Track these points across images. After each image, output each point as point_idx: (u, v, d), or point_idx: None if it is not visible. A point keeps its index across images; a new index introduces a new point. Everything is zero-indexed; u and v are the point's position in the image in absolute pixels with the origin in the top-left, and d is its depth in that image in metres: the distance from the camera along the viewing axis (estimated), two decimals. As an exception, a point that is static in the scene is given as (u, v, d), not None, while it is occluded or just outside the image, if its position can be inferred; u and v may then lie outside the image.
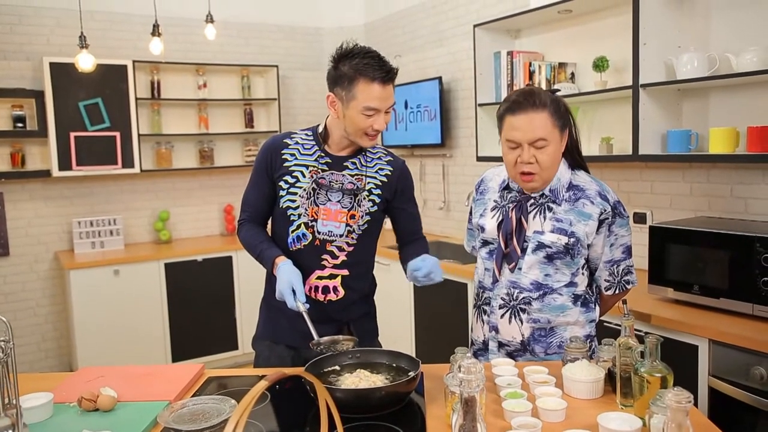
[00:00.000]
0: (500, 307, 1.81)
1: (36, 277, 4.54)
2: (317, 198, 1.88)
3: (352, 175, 1.90)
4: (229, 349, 4.73)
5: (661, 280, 2.46)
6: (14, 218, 4.44)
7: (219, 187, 5.21)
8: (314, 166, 1.89)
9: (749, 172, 2.63)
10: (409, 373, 1.57)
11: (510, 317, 1.80)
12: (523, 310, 1.78)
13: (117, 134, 4.52)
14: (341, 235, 1.89)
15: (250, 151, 5.14)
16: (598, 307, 1.88)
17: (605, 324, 2.45)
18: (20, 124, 4.31)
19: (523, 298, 1.78)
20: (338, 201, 1.88)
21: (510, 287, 1.80)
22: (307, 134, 1.94)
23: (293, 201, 1.88)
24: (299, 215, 1.88)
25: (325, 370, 1.69)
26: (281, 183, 1.89)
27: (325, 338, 1.74)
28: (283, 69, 5.24)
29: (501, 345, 1.83)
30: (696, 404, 2.16)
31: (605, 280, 1.84)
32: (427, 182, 4.72)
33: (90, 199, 4.69)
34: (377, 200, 1.93)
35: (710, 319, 2.23)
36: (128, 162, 4.58)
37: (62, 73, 4.28)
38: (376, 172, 1.94)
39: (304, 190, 1.87)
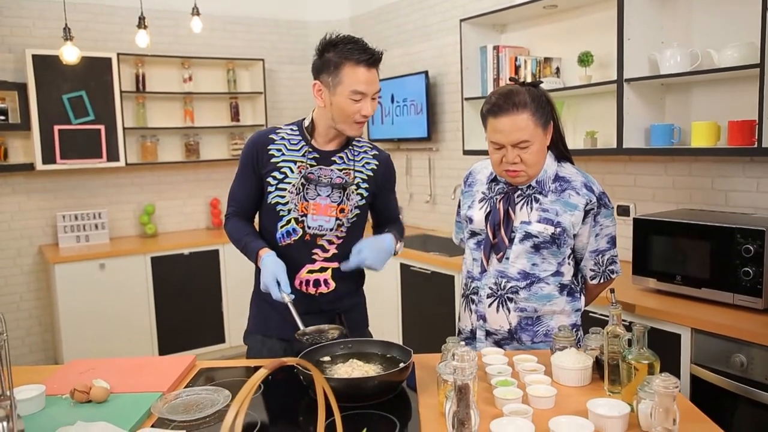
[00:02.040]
0: (488, 297, 1.83)
1: (19, 272, 4.48)
2: (306, 193, 1.87)
3: (340, 170, 1.90)
4: (217, 342, 4.72)
5: (644, 270, 2.50)
6: (-3, 212, 4.38)
7: (205, 181, 5.18)
8: (302, 162, 1.88)
9: (730, 165, 2.67)
10: (400, 364, 1.59)
11: (498, 306, 1.82)
12: (511, 300, 1.80)
13: (102, 127, 4.47)
14: (331, 229, 1.89)
15: (236, 144, 5.11)
16: (583, 297, 1.91)
17: (590, 314, 2.49)
18: (2, 117, 4.23)
19: (511, 287, 1.80)
20: (327, 195, 1.88)
21: (498, 277, 1.82)
22: (292, 129, 1.93)
23: (282, 197, 1.87)
24: (289, 210, 1.87)
25: (318, 359, 1.70)
26: (269, 179, 1.88)
27: (311, 327, 1.75)
28: (269, 62, 5.21)
29: (488, 334, 1.85)
30: (679, 391, 2.21)
31: (590, 269, 1.86)
32: (414, 176, 4.73)
33: (74, 193, 4.64)
34: (365, 194, 1.94)
35: (692, 308, 2.28)
36: (113, 155, 4.53)
37: (45, 65, 4.21)
38: (363, 166, 1.95)
39: (293, 185, 1.87)
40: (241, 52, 5.15)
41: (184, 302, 4.55)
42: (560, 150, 1.86)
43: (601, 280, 1.88)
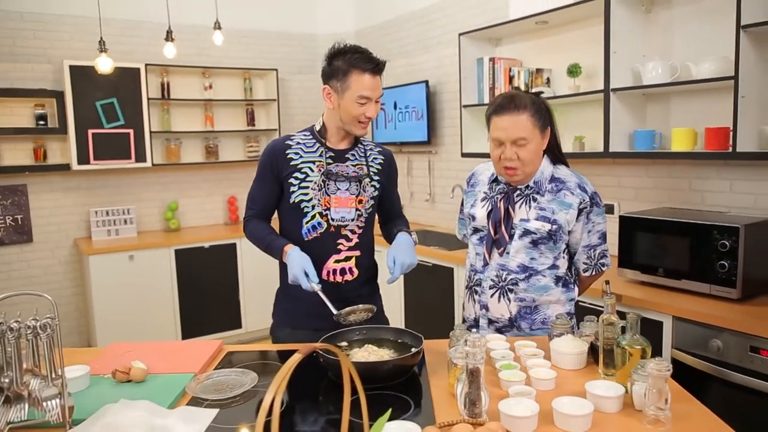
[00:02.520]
0: (490, 288, 1.83)
1: (57, 262, 4.47)
2: (327, 188, 1.88)
3: (354, 165, 1.92)
4: (234, 328, 4.70)
5: (629, 263, 2.49)
6: (37, 208, 4.36)
7: (223, 180, 5.16)
8: (320, 161, 1.88)
9: (706, 168, 2.67)
10: (412, 349, 1.58)
11: (499, 296, 1.82)
12: (511, 290, 1.81)
13: (131, 131, 4.45)
14: (353, 219, 1.90)
15: (251, 147, 5.09)
16: (576, 288, 1.91)
17: (581, 303, 2.48)
18: (42, 122, 4.22)
19: (511, 279, 1.80)
20: (346, 189, 1.89)
21: (499, 270, 1.82)
22: (305, 134, 1.94)
23: (306, 194, 1.87)
24: (313, 206, 1.87)
25: (336, 345, 1.69)
26: (291, 180, 1.87)
27: (345, 309, 1.74)
28: (281, 72, 5.19)
29: (491, 322, 1.85)
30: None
31: (583, 262, 1.86)
32: (414, 176, 4.72)
33: (106, 191, 4.62)
34: (377, 185, 1.96)
35: (673, 298, 2.27)
36: (141, 156, 4.52)
37: (81, 75, 4.19)
38: (372, 161, 1.97)
39: (315, 183, 1.87)
40: (256, 63, 5.13)
41: (204, 291, 4.54)
42: (555, 154, 1.86)
43: (593, 273, 1.88)
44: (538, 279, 1.80)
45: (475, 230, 1.90)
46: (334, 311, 1.72)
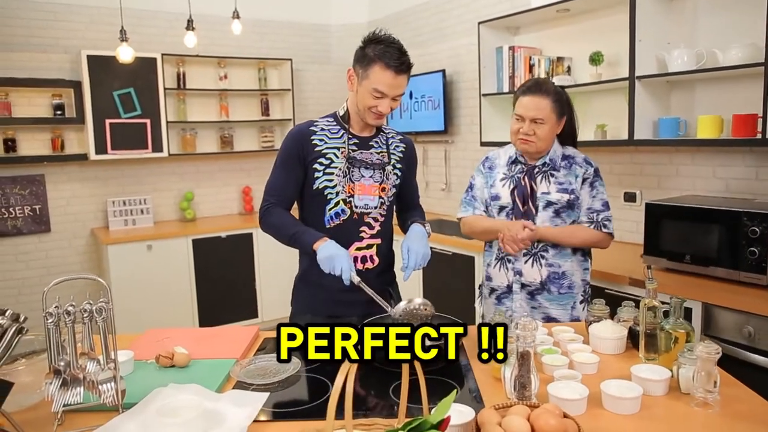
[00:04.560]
0: (524, 255, 1.99)
1: (74, 252, 4.49)
2: (352, 175, 1.86)
3: (378, 153, 1.91)
4: (251, 317, 4.73)
5: (655, 251, 2.49)
6: (54, 198, 4.37)
7: (238, 170, 5.16)
8: (344, 148, 1.87)
9: (731, 155, 2.66)
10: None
11: (532, 262, 1.98)
12: (543, 257, 1.97)
13: (147, 121, 4.45)
14: (375, 207, 1.89)
15: (266, 137, 5.09)
16: (590, 259, 2.07)
17: (609, 291, 2.48)
18: (59, 112, 4.22)
19: (542, 246, 1.97)
20: (370, 176, 1.88)
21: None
22: (329, 120, 1.92)
23: (330, 180, 1.85)
24: (337, 193, 1.85)
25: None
26: (316, 166, 1.85)
27: (401, 306, 1.71)
28: (295, 62, 5.17)
29: (523, 286, 2.00)
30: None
31: (585, 222, 2.00)
32: (430, 165, 4.72)
33: (123, 181, 4.63)
34: (399, 173, 1.96)
35: (701, 285, 2.27)
36: (157, 146, 4.52)
37: (98, 64, 4.19)
38: (395, 148, 1.97)
39: (340, 169, 1.85)
40: (270, 53, 5.11)
41: (221, 280, 4.56)
42: (569, 140, 2.06)
43: (594, 228, 1.99)
44: (563, 247, 1.98)
45: (501, 208, 2.04)
46: (389, 310, 1.72)
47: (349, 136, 1.89)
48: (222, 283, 4.56)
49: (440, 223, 4.33)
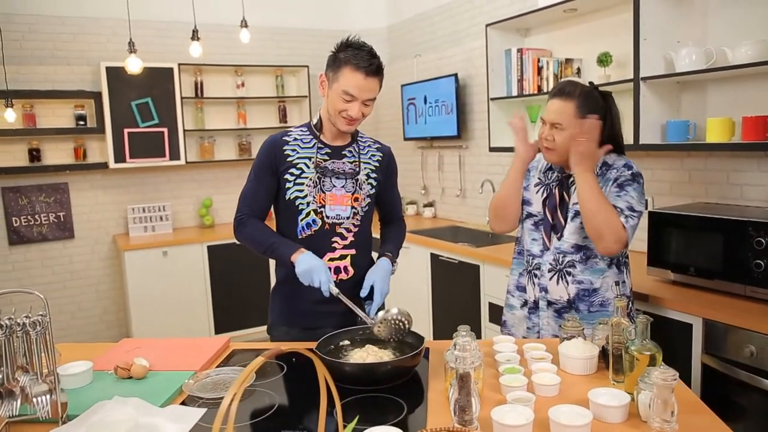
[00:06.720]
0: (549, 271, 1.87)
1: (97, 258, 4.62)
2: (323, 185, 1.83)
3: (351, 162, 1.88)
4: (265, 324, 4.71)
5: (659, 262, 2.36)
6: (78, 205, 4.52)
7: (257, 177, 5.20)
8: (315, 157, 1.84)
9: (744, 160, 2.49)
10: (408, 353, 1.53)
11: (558, 279, 1.86)
12: (569, 273, 1.84)
13: (165, 130, 4.55)
14: (348, 218, 1.85)
15: (284, 144, 5.11)
16: (628, 271, 1.91)
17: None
18: (81, 122, 4.37)
19: (568, 261, 1.84)
20: (342, 186, 1.85)
21: (556, 253, 1.87)
22: (302, 130, 1.90)
23: (301, 191, 1.83)
24: (308, 203, 1.82)
25: (339, 344, 1.66)
26: (287, 176, 1.82)
27: (379, 315, 1.67)
28: (313, 69, 5.19)
29: (549, 303, 1.88)
30: (689, 380, 2.07)
31: None
32: (445, 171, 4.64)
33: (142, 188, 4.74)
34: (374, 183, 1.91)
35: (705, 299, 2.13)
36: (175, 155, 4.61)
37: (117, 75, 4.31)
38: (370, 158, 1.92)
39: (310, 179, 1.82)
40: (287, 60, 5.15)
41: (236, 286, 4.60)
42: (615, 144, 1.88)
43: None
44: (595, 262, 1.83)
45: (529, 215, 1.95)
46: (367, 321, 1.69)
47: (320, 145, 1.86)
48: (236, 289, 4.60)
49: (455, 230, 4.26)
